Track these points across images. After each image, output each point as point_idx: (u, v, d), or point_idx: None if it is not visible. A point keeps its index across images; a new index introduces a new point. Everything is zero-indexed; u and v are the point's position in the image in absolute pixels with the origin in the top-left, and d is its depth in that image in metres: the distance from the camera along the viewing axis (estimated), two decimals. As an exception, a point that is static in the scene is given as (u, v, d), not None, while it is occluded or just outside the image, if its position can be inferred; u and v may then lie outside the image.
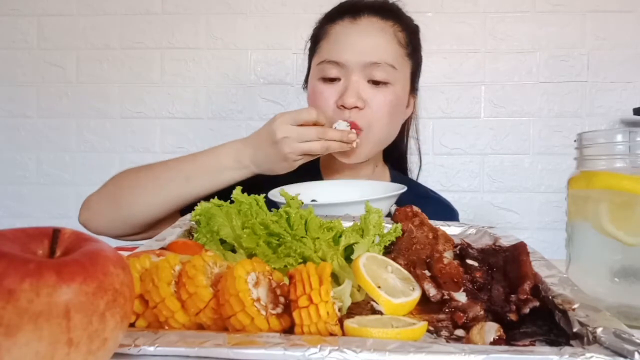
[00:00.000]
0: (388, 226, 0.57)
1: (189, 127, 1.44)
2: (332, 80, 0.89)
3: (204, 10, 1.43)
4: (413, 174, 1.15)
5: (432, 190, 1.06)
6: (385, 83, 0.88)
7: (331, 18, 0.93)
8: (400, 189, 0.76)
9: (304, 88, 1.03)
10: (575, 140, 0.51)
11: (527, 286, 0.40)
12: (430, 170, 1.42)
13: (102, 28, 1.45)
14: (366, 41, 0.88)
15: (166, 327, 0.36)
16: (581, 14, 1.38)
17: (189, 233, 0.60)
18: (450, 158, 1.42)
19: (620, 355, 0.30)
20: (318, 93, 0.90)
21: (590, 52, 1.38)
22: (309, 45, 0.99)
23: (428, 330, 0.38)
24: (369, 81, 0.88)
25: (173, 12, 1.43)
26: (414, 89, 0.98)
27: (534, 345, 0.35)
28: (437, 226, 0.58)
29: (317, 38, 0.95)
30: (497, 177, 1.41)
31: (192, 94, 1.44)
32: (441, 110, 1.41)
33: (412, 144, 1.12)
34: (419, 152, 1.14)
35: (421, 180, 1.40)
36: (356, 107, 0.86)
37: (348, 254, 0.51)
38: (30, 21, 1.45)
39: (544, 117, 1.40)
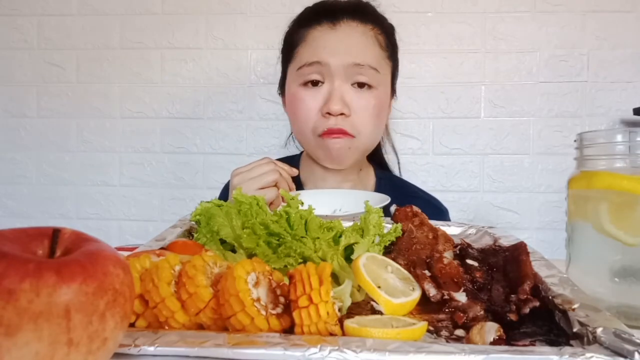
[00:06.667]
0: (388, 226, 0.57)
1: (189, 127, 1.44)
2: (314, 84, 0.86)
3: (204, 10, 1.42)
4: (395, 172, 1.15)
5: (422, 190, 1.04)
6: (369, 86, 0.86)
7: (307, 21, 0.90)
8: (383, 200, 0.74)
9: (279, 93, 1.00)
10: (575, 140, 0.51)
11: (527, 286, 0.40)
12: (430, 170, 1.42)
13: (102, 28, 1.44)
14: (348, 45, 0.85)
15: (166, 327, 0.36)
16: (581, 14, 1.37)
17: (189, 233, 0.60)
18: (450, 158, 1.42)
19: (620, 355, 0.30)
20: (299, 100, 0.87)
21: (590, 52, 1.38)
22: (281, 48, 0.95)
23: (428, 330, 0.38)
24: (352, 84, 0.85)
25: (173, 12, 1.43)
26: (393, 91, 0.97)
27: (534, 345, 0.35)
28: (437, 226, 0.58)
29: (292, 43, 0.91)
30: (497, 177, 1.41)
31: (192, 94, 1.44)
32: (441, 110, 1.41)
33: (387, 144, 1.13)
34: (394, 150, 1.15)
35: (421, 180, 1.40)
36: (342, 113, 0.84)
37: (348, 254, 0.51)
38: (30, 21, 1.45)
39: (544, 117, 1.39)
